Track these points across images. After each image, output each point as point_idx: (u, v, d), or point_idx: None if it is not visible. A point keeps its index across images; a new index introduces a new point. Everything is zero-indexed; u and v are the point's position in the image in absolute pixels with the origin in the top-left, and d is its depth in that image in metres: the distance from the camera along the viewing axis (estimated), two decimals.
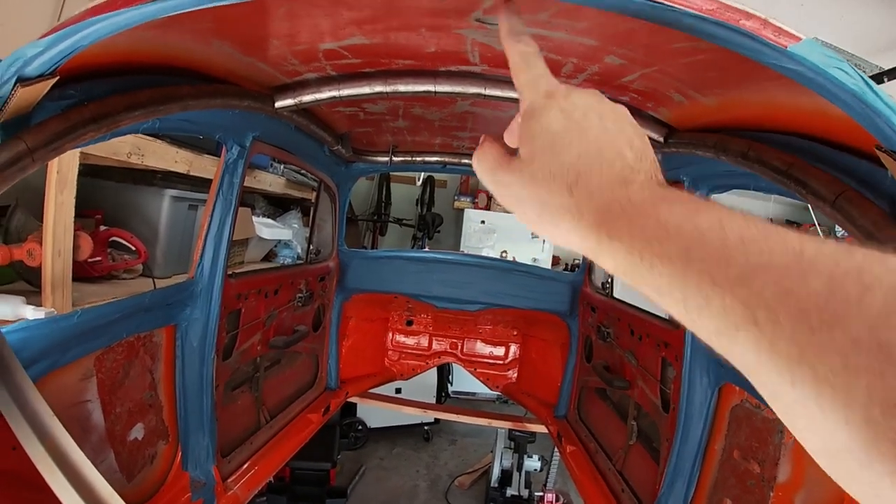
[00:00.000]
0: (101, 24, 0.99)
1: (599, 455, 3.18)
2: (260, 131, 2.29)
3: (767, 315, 0.37)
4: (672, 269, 0.43)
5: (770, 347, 0.37)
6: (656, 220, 0.47)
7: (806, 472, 1.70)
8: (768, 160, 1.40)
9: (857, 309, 0.34)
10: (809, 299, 0.36)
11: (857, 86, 0.87)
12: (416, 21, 1.45)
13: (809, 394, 0.35)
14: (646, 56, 1.48)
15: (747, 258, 0.40)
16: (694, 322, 0.42)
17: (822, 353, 0.34)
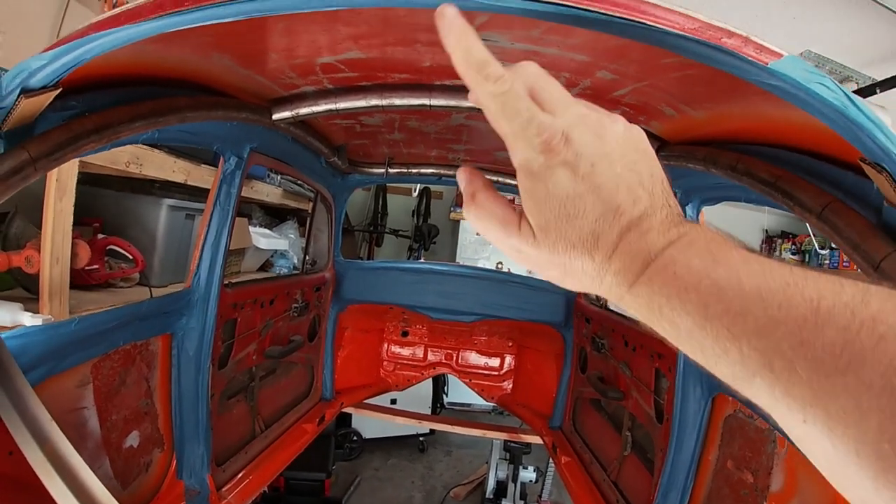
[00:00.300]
0: (104, 38, 1.02)
1: (594, 466, 3.18)
2: (257, 143, 2.31)
3: (784, 364, 0.39)
4: (691, 323, 0.45)
5: (785, 391, 0.39)
6: (674, 276, 0.47)
7: (799, 481, 1.70)
8: (756, 172, 1.43)
9: (871, 356, 0.36)
10: (825, 349, 0.38)
11: (839, 100, 0.89)
12: (411, 36, 1.47)
13: (822, 430, 0.38)
14: (637, 71, 1.51)
15: (765, 311, 0.41)
16: (711, 367, 0.44)
17: (835, 395, 0.37)
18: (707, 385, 2.18)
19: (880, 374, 0.35)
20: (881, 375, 0.35)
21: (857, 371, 0.36)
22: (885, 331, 0.36)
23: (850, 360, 0.37)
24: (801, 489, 1.69)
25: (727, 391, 2.08)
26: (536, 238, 0.53)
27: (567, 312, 3.86)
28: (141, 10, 1.00)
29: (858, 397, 0.36)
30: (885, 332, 0.36)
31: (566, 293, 3.88)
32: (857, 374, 0.36)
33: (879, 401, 0.35)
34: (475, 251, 7.05)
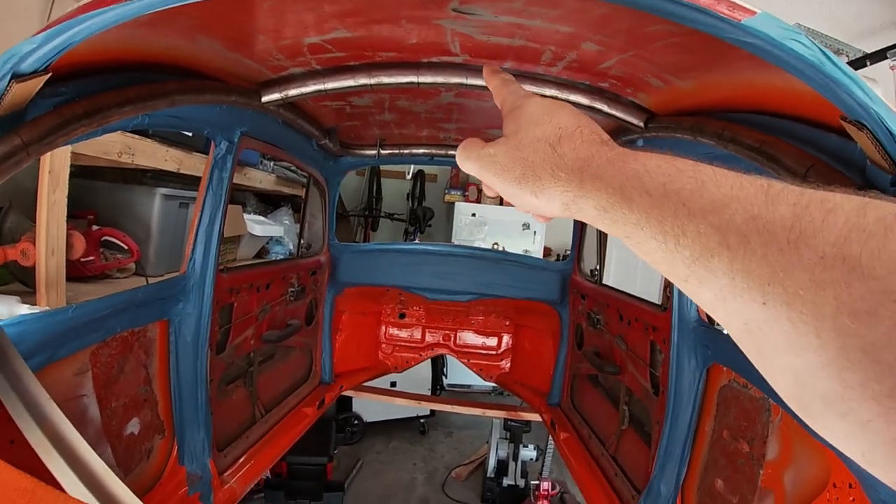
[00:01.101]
0: (91, 20, 1.02)
1: (593, 441, 3.22)
2: (248, 126, 2.31)
3: (738, 239, 0.40)
4: (651, 202, 0.47)
5: (743, 268, 0.40)
6: (636, 161, 0.52)
7: (794, 449, 1.73)
8: (742, 139, 1.44)
9: (822, 227, 0.37)
10: (776, 222, 0.39)
11: (815, 56, 0.90)
12: (396, 13, 1.48)
13: (781, 310, 0.38)
14: (622, 42, 1.52)
15: (719, 189, 0.44)
16: (671, 253, 0.45)
17: (790, 270, 0.37)
18: (702, 356, 2.21)
19: (831, 243, 0.36)
20: (832, 245, 0.36)
21: (809, 242, 0.37)
22: (833, 206, 0.38)
23: (802, 231, 0.38)
24: (797, 457, 1.72)
25: (722, 361, 2.10)
26: (507, 140, 0.65)
27: (563, 289, 3.89)
28: None
29: (812, 270, 0.36)
30: (833, 206, 0.38)
31: (561, 271, 3.90)
32: (810, 245, 0.37)
33: (833, 272, 0.35)
34: (471, 233, 7.07)
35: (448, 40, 1.66)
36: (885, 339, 0.33)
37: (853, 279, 0.34)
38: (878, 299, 0.33)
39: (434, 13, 1.46)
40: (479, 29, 1.56)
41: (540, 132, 0.61)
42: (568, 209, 0.57)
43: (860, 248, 0.35)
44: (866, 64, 3.69)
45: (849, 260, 0.35)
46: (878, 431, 0.34)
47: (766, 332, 0.39)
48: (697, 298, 0.45)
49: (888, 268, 0.33)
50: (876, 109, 0.95)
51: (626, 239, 0.50)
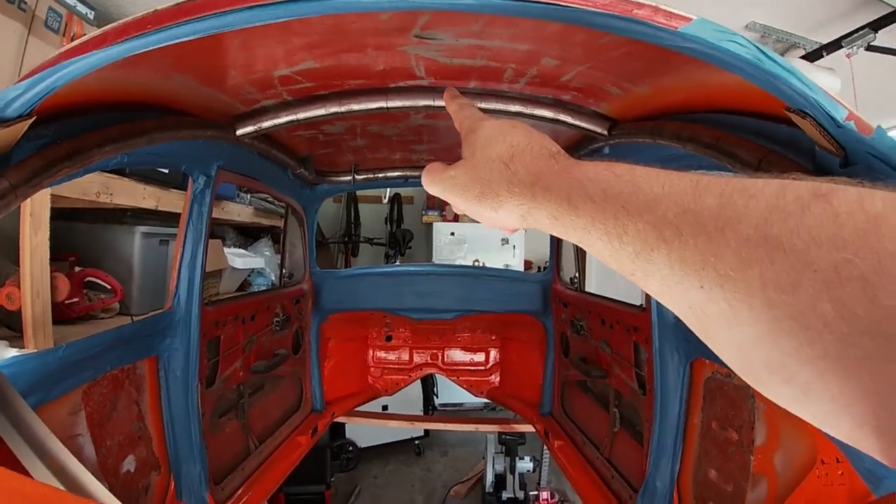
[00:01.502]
0: (73, 65, 1.07)
1: (587, 446, 3.24)
2: (224, 160, 2.35)
3: (673, 232, 0.44)
4: (594, 207, 0.51)
5: (679, 258, 0.43)
6: (579, 171, 0.56)
7: (780, 431, 1.77)
8: (699, 137, 1.51)
9: (745, 213, 0.40)
10: (704, 213, 0.43)
11: (752, 54, 0.97)
12: (362, 42, 1.54)
13: (717, 292, 0.41)
14: (579, 54, 1.58)
15: (651, 188, 0.48)
16: (617, 251, 0.49)
17: (720, 254, 0.41)
18: (684, 351, 2.26)
19: (754, 226, 0.39)
20: (755, 227, 0.39)
21: (734, 227, 0.40)
22: (755, 192, 0.41)
23: (727, 218, 0.41)
24: (783, 439, 1.76)
25: (704, 354, 2.16)
26: (465, 162, 0.71)
27: (545, 300, 3.93)
28: (106, 35, 1.06)
29: (739, 251, 0.39)
30: (755, 192, 0.41)
31: (542, 282, 3.95)
32: (735, 229, 0.40)
33: (757, 251, 0.38)
34: (451, 251, 7.11)
35: (413, 65, 1.72)
36: (809, 306, 0.36)
37: (776, 256, 0.37)
38: (800, 271, 0.36)
39: (398, 40, 1.52)
40: (441, 52, 1.62)
41: (494, 152, 0.67)
42: (525, 220, 0.62)
43: (780, 228, 0.38)
44: (823, 55, 3.79)
45: (770, 239, 0.38)
46: (820, 391, 0.37)
47: (707, 312, 0.43)
48: (647, 289, 0.49)
49: (806, 243, 0.36)
50: (815, 97, 1.01)
51: (578, 242, 0.54)
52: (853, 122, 1.01)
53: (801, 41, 4.04)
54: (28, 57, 2.44)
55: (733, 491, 1.98)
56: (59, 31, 2.67)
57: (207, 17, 1.05)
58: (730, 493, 2.00)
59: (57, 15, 2.67)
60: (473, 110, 0.82)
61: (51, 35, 2.62)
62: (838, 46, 3.66)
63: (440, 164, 0.76)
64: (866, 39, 3.51)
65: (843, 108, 1.01)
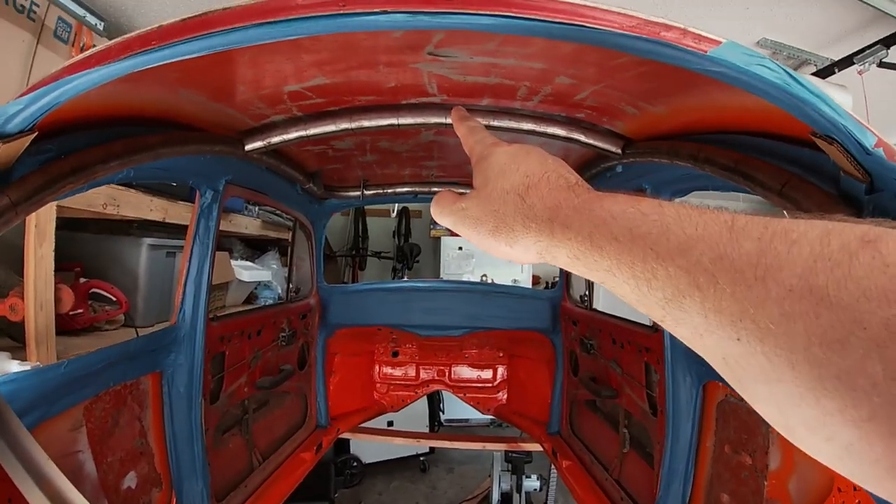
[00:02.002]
0: (77, 81, 1.05)
1: (595, 466, 3.20)
2: (232, 175, 2.33)
3: (707, 279, 0.41)
4: (619, 248, 0.48)
5: (714, 307, 0.41)
6: (602, 208, 0.53)
7: (795, 457, 1.73)
8: (717, 159, 1.47)
9: (787, 260, 0.38)
10: (743, 259, 0.40)
11: (781, 79, 0.94)
12: (373, 59, 1.52)
13: (755, 345, 0.38)
14: (594, 74, 1.56)
15: (683, 230, 0.45)
16: (645, 296, 0.46)
17: (760, 305, 0.38)
18: (696, 373, 2.22)
19: (797, 275, 0.37)
20: (799, 277, 0.37)
21: (775, 277, 0.38)
22: (798, 237, 0.39)
23: (768, 266, 0.39)
24: (799, 465, 1.72)
25: (717, 377, 2.11)
26: (478, 192, 0.67)
27: (554, 317, 3.89)
28: (109, 51, 1.03)
29: (781, 303, 0.37)
30: (798, 237, 0.39)
31: (551, 299, 3.92)
32: (776, 279, 0.38)
33: (801, 304, 0.36)
34: (459, 266, 7.09)
35: (425, 82, 1.70)
36: (857, 366, 0.33)
37: (821, 310, 0.35)
38: (848, 328, 0.34)
39: (411, 57, 1.50)
40: (455, 70, 1.60)
41: (508, 183, 0.63)
42: (542, 257, 0.59)
43: (826, 279, 0.36)
44: (834, 71, 3.77)
45: (816, 291, 0.36)
46: (862, 453, 0.35)
47: (743, 365, 0.40)
48: (676, 335, 0.46)
49: (855, 296, 0.34)
50: (844, 123, 0.98)
51: (601, 283, 0.51)
52: (882, 148, 0.97)
53: (812, 58, 4.02)
54: (36, 67, 2.44)
55: None
56: (68, 42, 2.67)
57: (214, 34, 1.02)
58: None
59: (66, 25, 2.67)
60: (484, 134, 0.78)
61: (60, 46, 2.62)
62: (850, 63, 3.64)
63: (451, 194, 0.72)
64: (878, 56, 3.50)
65: (871, 135, 0.98)
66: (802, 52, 3.96)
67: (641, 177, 2.25)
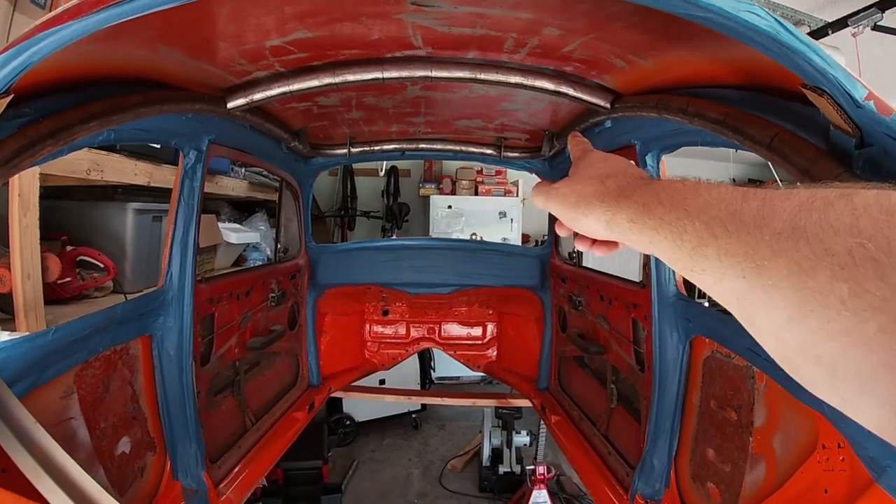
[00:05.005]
0: (48, 38, 1.01)
1: (584, 422, 3.24)
2: (215, 134, 2.29)
3: (721, 229, 0.51)
4: (663, 210, 0.60)
5: (726, 251, 0.50)
6: (656, 184, 0.66)
7: (781, 414, 1.75)
8: (706, 113, 1.46)
9: (780, 211, 0.47)
10: (747, 213, 0.50)
11: (770, 26, 0.92)
12: (356, 10, 1.48)
13: (755, 280, 0.46)
14: (582, 25, 1.53)
15: (710, 194, 0.56)
16: (679, 248, 0.56)
17: (757, 245, 0.47)
18: (683, 329, 2.23)
19: (785, 220, 0.45)
20: (785, 222, 0.45)
21: (769, 223, 0.47)
22: (791, 195, 0.47)
23: (765, 216, 0.48)
24: (783, 422, 1.75)
25: (704, 332, 2.13)
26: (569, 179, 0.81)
27: (542, 275, 3.91)
28: (81, 6, 1.00)
29: (772, 243, 0.45)
30: (791, 195, 0.47)
31: (540, 257, 3.92)
32: (770, 225, 0.46)
33: (786, 242, 0.44)
34: (448, 225, 7.08)
35: (410, 34, 1.67)
36: (827, 286, 0.40)
37: (801, 245, 0.43)
38: (820, 255, 0.41)
39: (394, 8, 1.46)
40: (439, 21, 1.56)
41: (594, 171, 0.78)
42: (609, 226, 0.70)
43: (806, 221, 0.44)
44: (828, 33, 3.74)
45: (797, 230, 0.44)
46: (845, 368, 0.41)
47: (750, 299, 0.48)
48: (703, 285, 0.54)
49: (826, 231, 0.42)
50: (834, 74, 0.97)
51: (649, 245, 0.62)
52: (873, 102, 0.96)
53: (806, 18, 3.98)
54: (14, 35, 2.36)
55: (731, 471, 1.97)
56: (45, 7, 2.59)
57: None
58: (728, 473, 1.99)
59: None
60: (587, 144, 0.93)
61: (37, 11, 2.54)
62: (844, 25, 3.62)
63: (547, 183, 0.87)
64: (873, 19, 3.47)
65: (862, 88, 0.96)
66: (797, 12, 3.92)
67: (631, 132, 2.23)
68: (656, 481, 2.39)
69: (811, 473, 1.56)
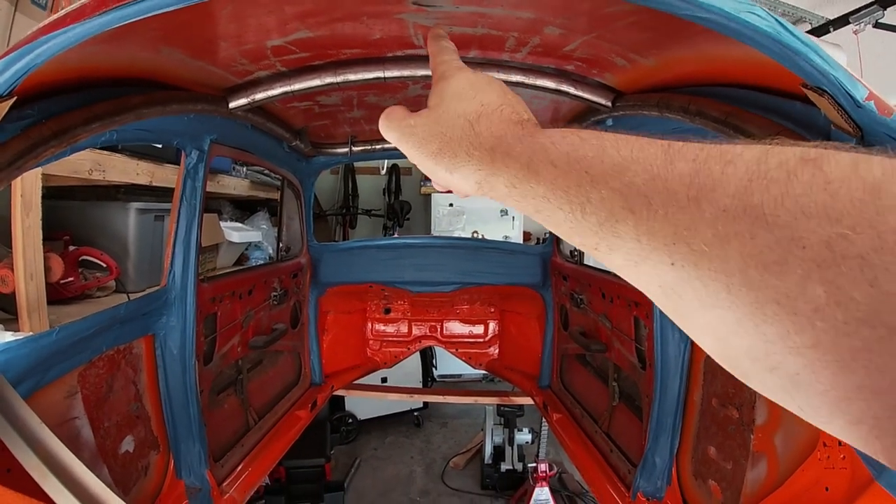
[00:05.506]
0: (52, 41, 1.01)
1: (585, 419, 3.25)
2: (217, 134, 2.30)
3: (641, 201, 0.39)
4: (555, 173, 0.47)
5: (648, 230, 0.39)
6: (544, 136, 0.51)
7: (781, 412, 1.75)
8: (708, 112, 1.46)
9: (721, 180, 0.36)
10: (676, 180, 0.38)
11: (771, 27, 0.92)
12: (357, 10, 1.48)
13: (689, 270, 0.36)
14: (583, 23, 1.53)
15: (619, 152, 0.43)
16: (579, 222, 0.44)
17: (693, 227, 0.36)
18: None
19: (731, 195, 0.35)
20: (732, 197, 0.35)
21: (709, 197, 0.36)
22: (733, 157, 0.37)
23: (701, 186, 0.37)
24: (785, 420, 1.75)
25: None
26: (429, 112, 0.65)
27: (544, 272, 3.91)
28: (85, 8, 1.00)
29: (714, 224, 0.35)
30: (733, 158, 0.37)
31: (542, 255, 3.93)
32: (710, 199, 0.36)
33: (735, 224, 0.34)
34: (450, 223, 7.07)
35: (411, 33, 1.67)
36: (797, 288, 0.31)
37: (757, 229, 0.33)
38: (786, 248, 0.32)
39: (395, 8, 1.46)
40: (440, 20, 1.56)
41: (461, 108, 0.62)
42: (481, 187, 0.57)
43: (762, 197, 0.34)
44: (829, 30, 3.75)
45: (751, 210, 0.34)
46: (809, 384, 0.33)
47: (679, 292, 0.38)
48: (611, 265, 0.44)
49: (793, 214, 0.32)
50: (835, 75, 0.97)
51: (536, 214, 0.49)
52: (873, 102, 0.96)
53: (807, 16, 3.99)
54: (14, 36, 2.37)
55: (733, 469, 1.98)
56: (46, 7, 2.59)
57: None
58: (729, 471, 1.99)
59: None
60: (453, 56, 0.75)
61: (38, 12, 2.54)
62: (845, 22, 3.62)
63: (402, 109, 0.70)
64: (874, 16, 3.47)
65: (863, 88, 0.96)
66: (798, 9, 3.93)
67: (632, 131, 2.22)
68: (658, 479, 2.40)
69: (812, 471, 1.56)
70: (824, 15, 3.91)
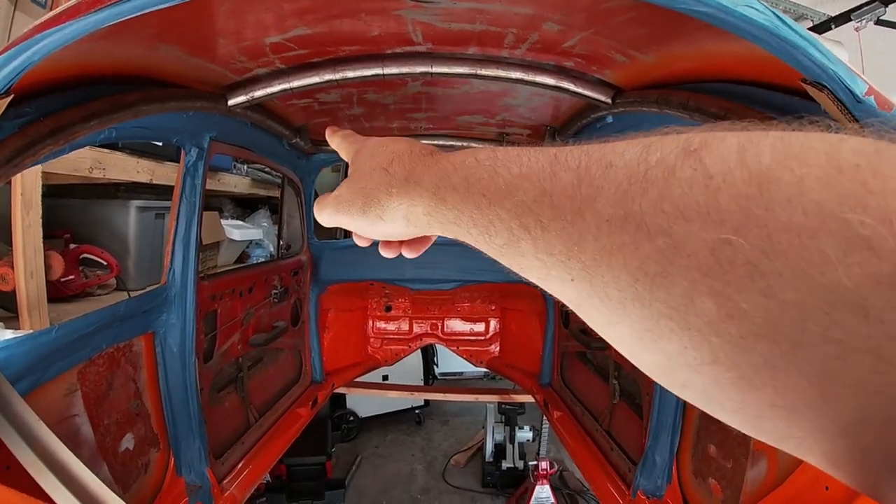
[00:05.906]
0: (48, 38, 1.01)
1: (586, 417, 3.25)
2: (217, 131, 2.30)
3: (532, 220, 0.37)
4: (459, 197, 0.45)
5: (545, 249, 0.36)
6: (447, 160, 0.50)
7: None
8: (707, 108, 1.46)
9: (602, 187, 0.33)
10: (559, 193, 0.36)
11: (769, 21, 0.92)
12: (355, 7, 1.48)
13: (586, 286, 0.34)
14: (582, 19, 1.52)
15: (509, 171, 0.41)
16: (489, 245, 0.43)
17: (580, 241, 0.34)
18: None
19: (612, 203, 0.32)
20: (613, 205, 0.32)
21: (591, 207, 0.33)
22: (613, 158, 0.34)
23: (584, 197, 0.34)
24: None
25: None
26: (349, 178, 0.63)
27: None
28: (79, 6, 1.00)
29: (599, 237, 0.32)
30: (613, 159, 0.34)
31: None
32: (592, 210, 0.33)
33: (619, 235, 0.31)
34: None
35: (410, 30, 1.66)
36: (685, 301, 0.28)
37: (640, 239, 0.30)
38: (669, 258, 0.29)
39: (393, 4, 1.46)
40: (439, 17, 1.56)
41: (375, 162, 0.60)
42: (409, 221, 0.55)
43: (640, 203, 0.31)
44: (831, 27, 3.74)
45: (632, 218, 0.31)
46: (720, 402, 0.30)
47: (585, 308, 0.36)
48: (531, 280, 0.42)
49: (673, 218, 0.29)
50: (834, 69, 0.96)
51: (456, 237, 0.48)
52: (873, 97, 0.96)
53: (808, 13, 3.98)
54: (14, 34, 2.37)
55: (733, 467, 1.97)
56: (45, 6, 2.59)
57: None
58: (729, 470, 1.99)
59: None
60: (356, 136, 0.75)
61: (38, 10, 2.54)
62: (847, 19, 3.61)
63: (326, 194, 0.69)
64: (876, 13, 3.46)
65: (862, 83, 0.96)
66: (799, 6, 3.92)
67: (632, 128, 2.18)
68: (658, 477, 2.40)
69: (812, 470, 1.55)
70: (826, 12, 3.90)
